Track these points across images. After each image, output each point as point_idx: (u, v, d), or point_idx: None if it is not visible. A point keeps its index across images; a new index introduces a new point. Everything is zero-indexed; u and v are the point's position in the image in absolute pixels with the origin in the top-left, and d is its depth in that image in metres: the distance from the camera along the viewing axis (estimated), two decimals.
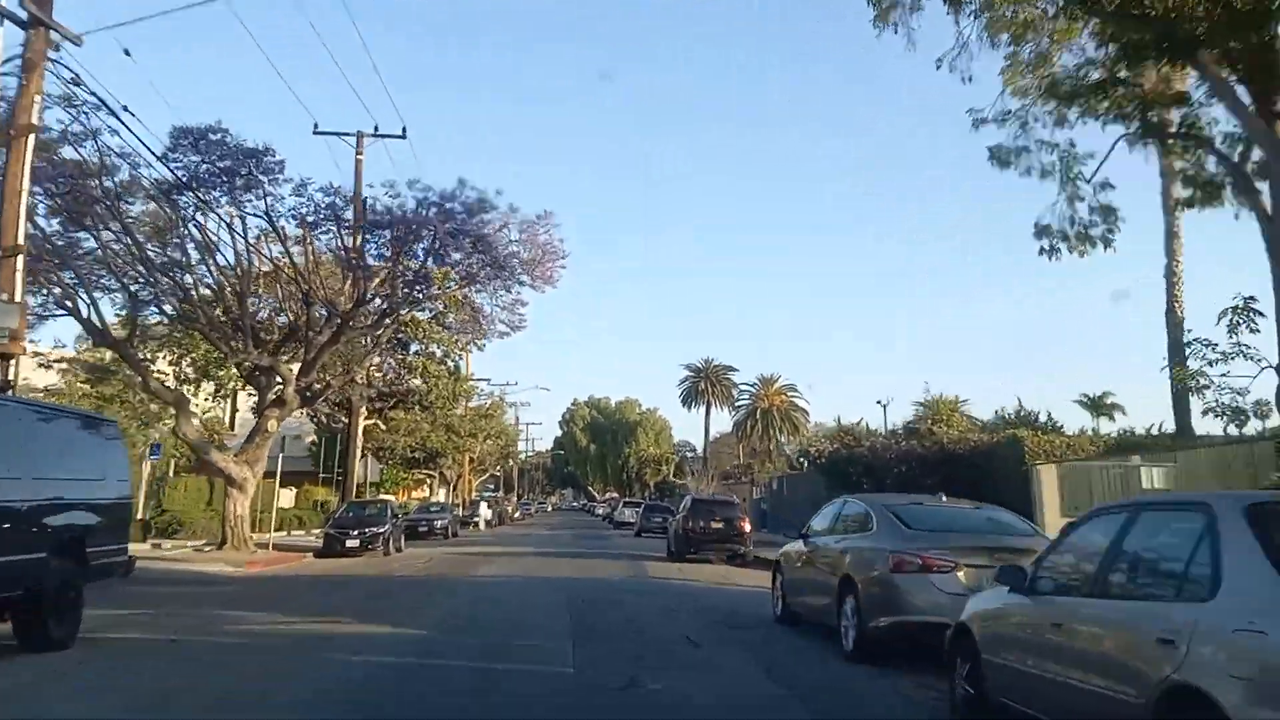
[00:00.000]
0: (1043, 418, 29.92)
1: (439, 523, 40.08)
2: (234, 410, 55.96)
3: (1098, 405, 49.04)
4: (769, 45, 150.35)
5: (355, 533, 27.56)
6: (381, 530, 27.97)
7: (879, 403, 34.53)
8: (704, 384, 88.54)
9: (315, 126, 30.09)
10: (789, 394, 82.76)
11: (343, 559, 26.28)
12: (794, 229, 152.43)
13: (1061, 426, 28.61)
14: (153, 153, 19.87)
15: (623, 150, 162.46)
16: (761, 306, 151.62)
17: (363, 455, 38.15)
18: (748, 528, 25.02)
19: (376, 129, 30.20)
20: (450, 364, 38.76)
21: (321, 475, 49.24)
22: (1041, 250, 18.22)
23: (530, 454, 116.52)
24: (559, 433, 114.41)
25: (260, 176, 21.90)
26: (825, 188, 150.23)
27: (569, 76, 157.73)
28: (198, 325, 24.56)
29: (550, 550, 30.13)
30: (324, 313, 25.29)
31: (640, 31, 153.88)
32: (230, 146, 21.21)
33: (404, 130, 29.88)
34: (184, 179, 21.10)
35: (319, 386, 26.37)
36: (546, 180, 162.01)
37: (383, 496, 40.82)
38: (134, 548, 27.78)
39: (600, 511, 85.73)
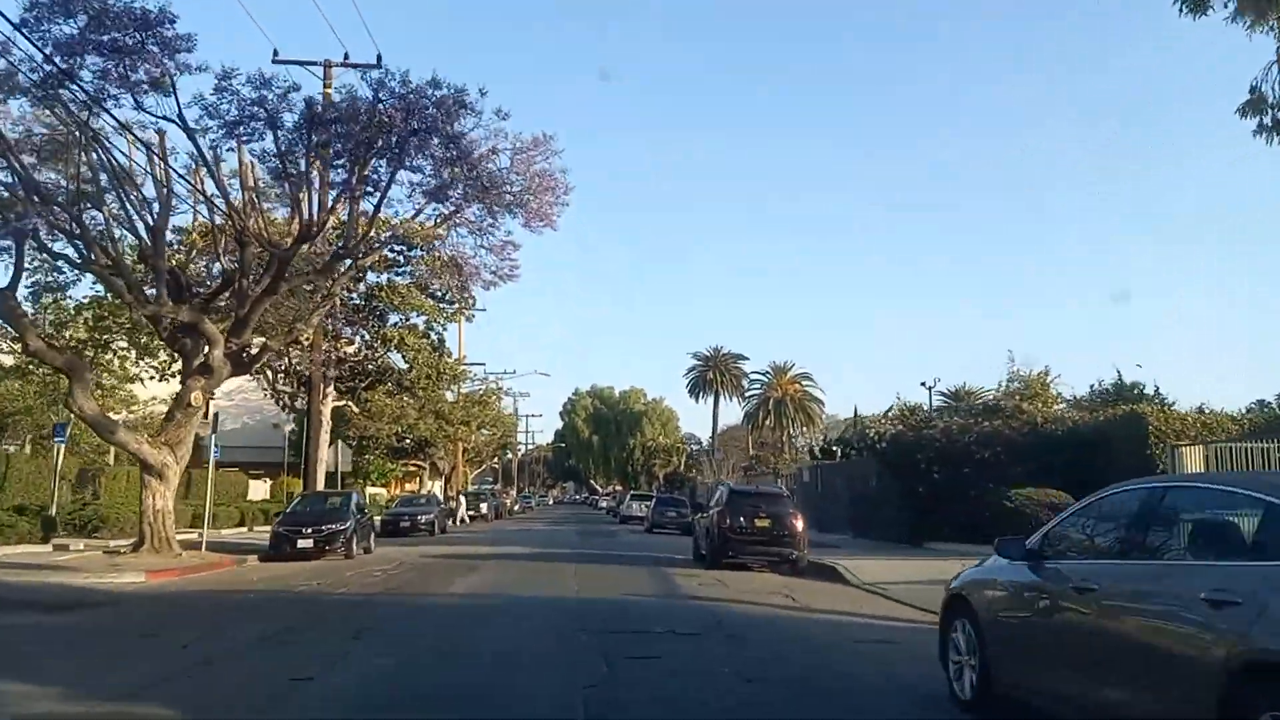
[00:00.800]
0: (1148, 390, 24.07)
1: (423, 518, 34.11)
2: None
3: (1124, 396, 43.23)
4: (788, 32, 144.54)
5: (309, 530, 21.88)
6: (342, 527, 22.24)
7: (924, 384, 28.96)
8: (712, 373, 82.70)
9: (275, 54, 24.30)
10: (803, 383, 76.98)
11: (291, 563, 20.66)
12: (791, 221, 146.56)
13: (1174, 403, 22.78)
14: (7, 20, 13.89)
15: (625, 136, 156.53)
16: (772, 296, 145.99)
17: (333, 441, 32.39)
18: (801, 527, 19.17)
19: (346, 57, 24.53)
20: (434, 337, 32.78)
21: (295, 464, 43.33)
22: (1260, 129, 12.36)
23: (531, 446, 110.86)
24: (560, 425, 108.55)
25: (163, 59, 16.02)
26: (831, 177, 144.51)
27: (579, 60, 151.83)
28: (94, 266, 18.74)
29: (550, 551, 24.30)
30: (262, 269, 19.50)
31: (652, 16, 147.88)
32: (114, 12, 15.30)
33: (379, 59, 23.99)
34: (53, 58, 15.20)
35: (255, 350, 20.45)
36: None
37: (346, 489, 34.80)
38: (29, 550, 22.38)
39: (604, 505, 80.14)
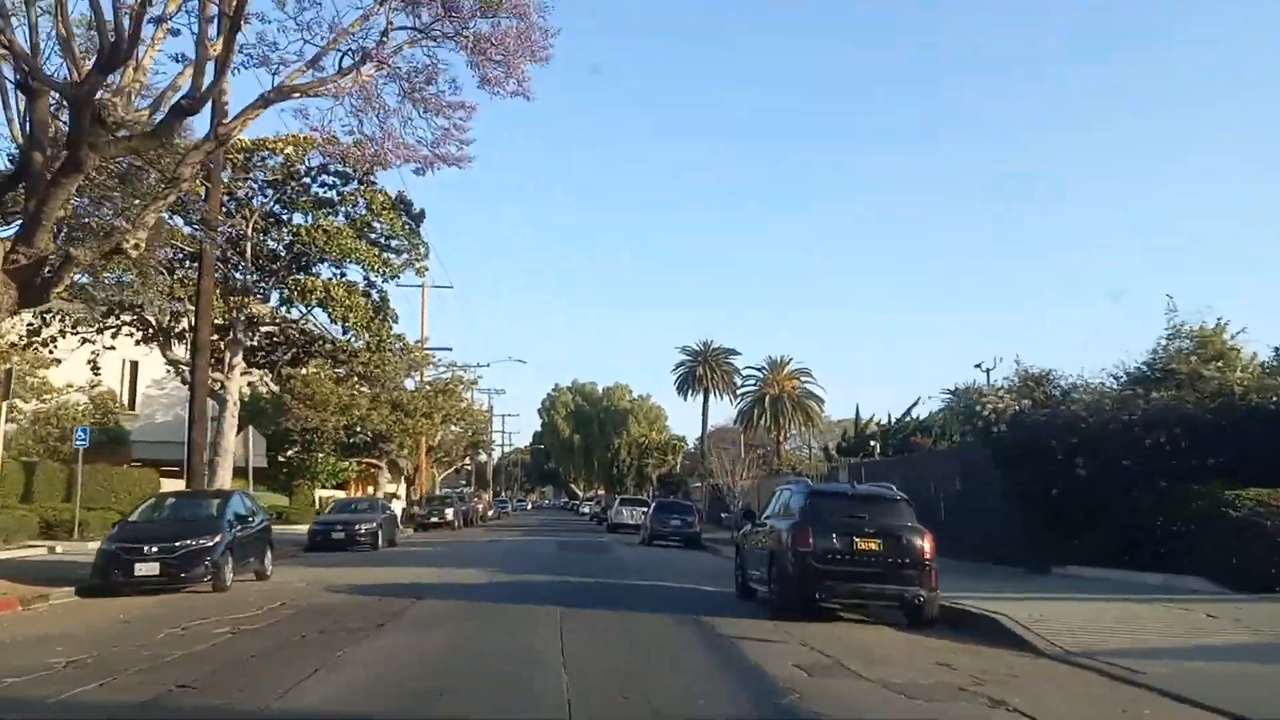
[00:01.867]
0: None
1: (363, 528, 25.97)
2: (133, 380, 41.50)
3: None
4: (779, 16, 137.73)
5: (155, 550, 14.05)
6: (209, 545, 14.38)
7: (979, 365, 21.72)
8: (702, 369, 74.65)
9: None
10: (802, 379, 69.33)
11: (117, 599, 13.05)
12: (788, 220, 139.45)
13: None
14: None
15: (617, 130, 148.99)
16: (762, 294, 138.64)
17: (242, 427, 24.35)
18: (930, 550, 11.40)
19: None
20: (374, 296, 24.76)
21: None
22: None
23: (509, 448, 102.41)
24: (538, 425, 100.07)
25: None
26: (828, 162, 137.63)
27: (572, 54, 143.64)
28: None
29: (521, 579, 16.38)
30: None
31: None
32: None
33: None
34: None
35: (57, 261, 12.42)
36: (536, 155, 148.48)
37: (231, 488, 26.58)
38: None
39: (586, 510, 72.11)
